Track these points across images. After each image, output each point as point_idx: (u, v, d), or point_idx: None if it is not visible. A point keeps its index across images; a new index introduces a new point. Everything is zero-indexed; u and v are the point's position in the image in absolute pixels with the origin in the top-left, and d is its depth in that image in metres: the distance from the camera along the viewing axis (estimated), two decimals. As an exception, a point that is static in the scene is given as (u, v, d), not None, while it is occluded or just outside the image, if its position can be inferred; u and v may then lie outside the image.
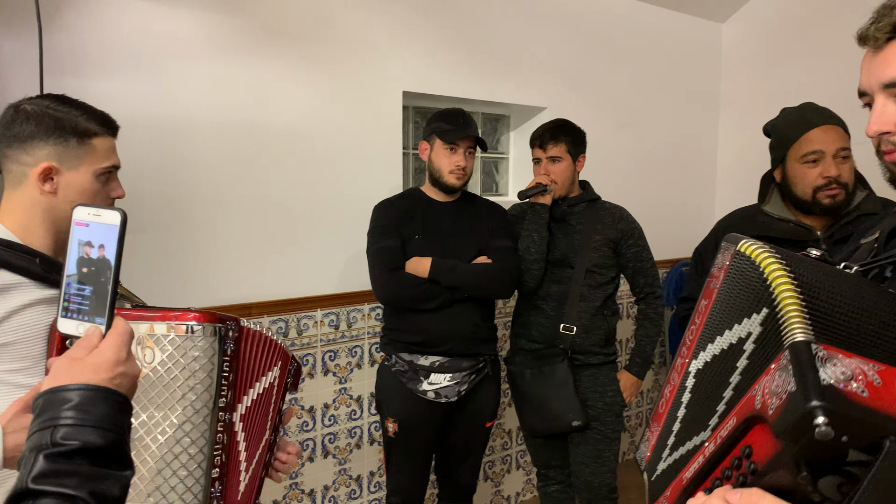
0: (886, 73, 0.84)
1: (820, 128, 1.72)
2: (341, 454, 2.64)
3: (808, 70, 3.46)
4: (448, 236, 2.17)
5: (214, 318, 1.14)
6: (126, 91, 2.06)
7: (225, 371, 1.17)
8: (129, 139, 2.07)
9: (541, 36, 3.08)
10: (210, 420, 1.14)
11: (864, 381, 0.57)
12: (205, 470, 1.13)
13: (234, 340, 1.19)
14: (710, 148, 3.99)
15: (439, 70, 2.76)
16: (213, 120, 2.23)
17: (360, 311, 2.62)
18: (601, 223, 2.33)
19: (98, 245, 0.80)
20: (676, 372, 0.91)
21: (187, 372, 1.11)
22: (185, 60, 2.16)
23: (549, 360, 2.31)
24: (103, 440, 0.69)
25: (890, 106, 0.85)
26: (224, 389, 1.17)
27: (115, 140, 1.30)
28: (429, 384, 2.13)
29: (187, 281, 2.22)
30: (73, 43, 1.97)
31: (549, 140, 2.32)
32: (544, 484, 2.55)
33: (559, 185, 2.31)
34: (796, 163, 1.75)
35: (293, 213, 2.42)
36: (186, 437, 1.11)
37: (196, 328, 1.11)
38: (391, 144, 2.65)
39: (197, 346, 1.11)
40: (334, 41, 2.46)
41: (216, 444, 1.15)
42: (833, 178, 1.70)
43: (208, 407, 1.13)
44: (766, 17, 3.73)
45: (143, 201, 2.11)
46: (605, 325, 2.34)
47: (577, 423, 2.26)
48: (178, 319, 1.11)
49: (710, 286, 0.87)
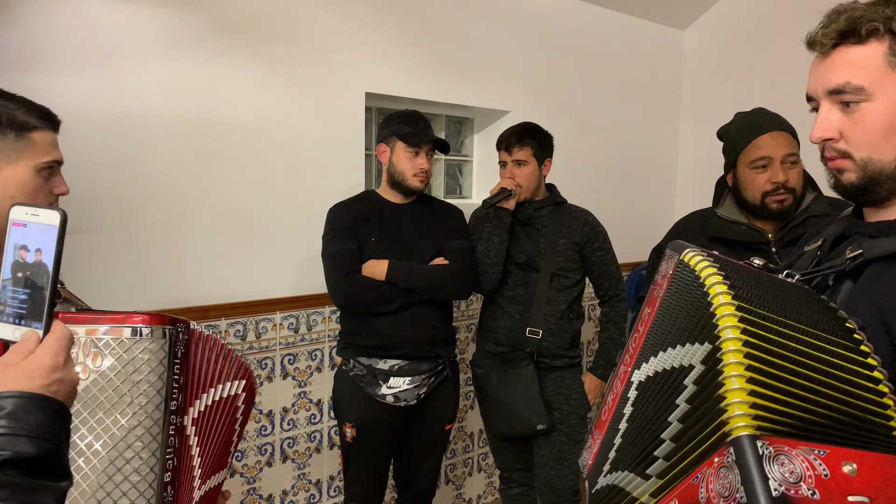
0: (831, 79, 0.85)
1: (769, 134, 1.76)
2: (300, 458, 2.60)
3: (767, 77, 3.53)
4: (405, 238, 2.16)
5: (164, 321, 1.13)
6: (78, 88, 2.01)
7: (176, 374, 1.15)
8: (82, 137, 2.03)
9: (504, 40, 3.09)
10: (162, 423, 1.11)
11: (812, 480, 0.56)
12: (157, 474, 1.11)
13: (184, 343, 1.18)
14: (670, 152, 4.05)
15: (403, 72, 2.74)
16: (169, 118, 2.18)
17: (320, 313, 2.59)
18: (566, 226, 2.34)
19: (36, 247, 0.77)
20: (619, 380, 0.90)
21: (138, 375, 1.09)
22: (140, 57, 2.11)
23: (514, 363, 2.31)
24: (37, 450, 0.66)
25: (834, 113, 0.86)
26: (175, 392, 1.15)
27: (56, 135, 1.25)
28: (388, 388, 2.11)
29: (141, 282, 2.17)
30: (24, 38, 1.91)
31: (515, 143, 2.33)
32: (507, 487, 2.54)
33: (524, 188, 2.32)
34: (746, 168, 1.79)
35: (252, 214, 2.39)
36: (138, 441, 1.09)
37: (145, 331, 1.10)
38: (353, 145, 2.63)
39: (147, 348, 1.10)
40: (296, 40, 2.43)
41: (168, 447, 1.13)
42: (780, 184, 1.73)
43: (160, 410, 1.11)
44: (727, 24, 3.80)
45: (94, 201, 2.06)
46: (570, 328, 2.35)
47: (541, 427, 2.27)
48: (126, 322, 1.09)
49: (654, 294, 0.87)
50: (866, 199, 0.89)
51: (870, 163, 0.85)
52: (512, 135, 2.35)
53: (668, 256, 0.87)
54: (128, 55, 2.09)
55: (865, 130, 0.84)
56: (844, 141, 0.86)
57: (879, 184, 0.86)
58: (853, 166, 0.87)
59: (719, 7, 3.83)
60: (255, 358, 2.43)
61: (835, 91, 0.85)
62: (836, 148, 0.87)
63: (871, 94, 0.83)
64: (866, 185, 0.87)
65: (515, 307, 2.34)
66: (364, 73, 2.62)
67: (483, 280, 2.30)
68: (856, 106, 0.84)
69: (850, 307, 0.81)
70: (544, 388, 2.31)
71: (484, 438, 3.25)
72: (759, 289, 0.71)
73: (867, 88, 0.83)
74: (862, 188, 0.87)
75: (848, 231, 0.92)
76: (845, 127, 0.86)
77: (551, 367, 2.33)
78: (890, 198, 0.87)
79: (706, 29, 3.91)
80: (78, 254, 2.04)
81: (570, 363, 2.36)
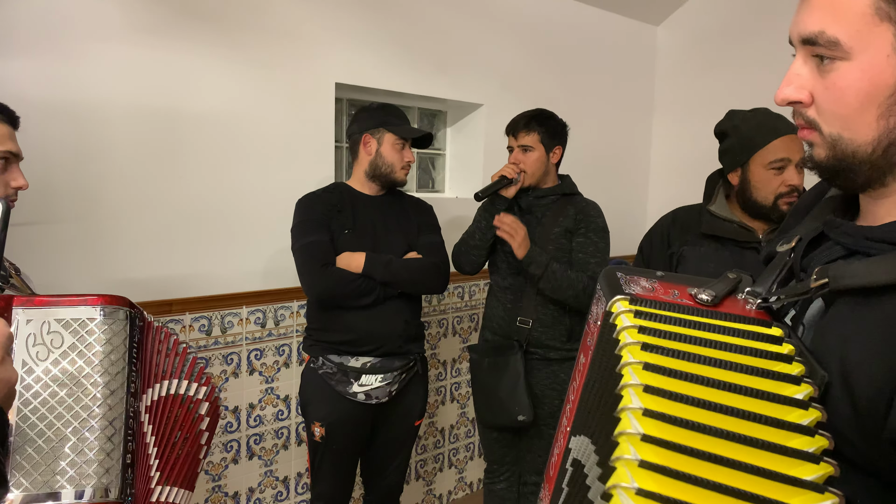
0: (807, 24, 0.67)
1: (787, 136, 1.75)
2: (267, 455, 2.56)
3: (740, 74, 3.55)
4: (378, 231, 2.12)
5: (125, 302, 1.15)
6: (36, 74, 1.93)
7: (134, 357, 1.16)
8: (39, 126, 1.95)
9: (477, 33, 3.06)
10: (124, 403, 1.13)
11: None
12: (121, 453, 1.11)
13: (140, 329, 1.20)
14: (643, 149, 4.05)
15: (375, 63, 2.70)
16: (130, 106, 2.11)
17: (288, 308, 2.54)
18: (564, 215, 2.28)
19: None
20: (563, 435, 0.82)
21: (99, 355, 1.10)
22: (102, 42, 2.04)
23: (504, 352, 2.27)
24: None
25: (807, 68, 0.69)
26: (133, 375, 1.16)
27: (11, 127, 1.24)
28: (359, 386, 2.07)
29: (101, 275, 2.11)
30: (-25, 19, 1.83)
31: (522, 128, 2.29)
32: (491, 481, 2.50)
33: (529, 174, 2.27)
34: (761, 168, 1.76)
35: (218, 206, 2.33)
36: (103, 419, 1.09)
37: (106, 311, 1.12)
38: (322, 137, 2.58)
39: (110, 328, 1.12)
40: (265, 28, 2.37)
41: (129, 430, 1.14)
42: (794, 187, 1.73)
43: (123, 389, 1.12)
44: (701, 21, 3.81)
45: (52, 191, 1.99)
46: (566, 319, 2.27)
47: (522, 419, 2.22)
48: (86, 303, 1.11)
49: (587, 342, 0.79)
50: (840, 183, 0.73)
51: (839, 141, 0.68)
52: (520, 119, 2.32)
53: (598, 299, 0.76)
54: (88, 40, 2.01)
55: (836, 98, 0.66)
56: (815, 108, 0.69)
57: (852, 170, 0.68)
58: (822, 141, 0.70)
59: (693, 4, 3.84)
60: (220, 353, 2.38)
61: (808, 40, 0.67)
62: (805, 115, 0.70)
63: (848, 50, 0.64)
64: (836, 167, 0.69)
65: (508, 296, 2.31)
66: (335, 63, 2.57)
67: (462, 260, 2.31)
68: (830, 64, 0.66)
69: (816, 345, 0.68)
70: (537, 380, 2.27)
71: (454, 434, 3.23)
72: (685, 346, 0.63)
73: (844, 43, 0.64)
74: (832, 170, 0.70)
75: (826, 231, 0.75)
76: (817, 89, 0.68)
77: (545, 358, 2.27)
78: (871, 185, 0.70)
79: (680, 25, 3.92)
80: (35, 245, 1.96)
81: (567, 356, 2.29)
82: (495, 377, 2.26)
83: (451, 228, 2.81)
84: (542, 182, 2.33)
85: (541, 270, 2.15)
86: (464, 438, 3.28)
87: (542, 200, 2.32)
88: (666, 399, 0.59)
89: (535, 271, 2.16)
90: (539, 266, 2.15)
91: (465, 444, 3.29)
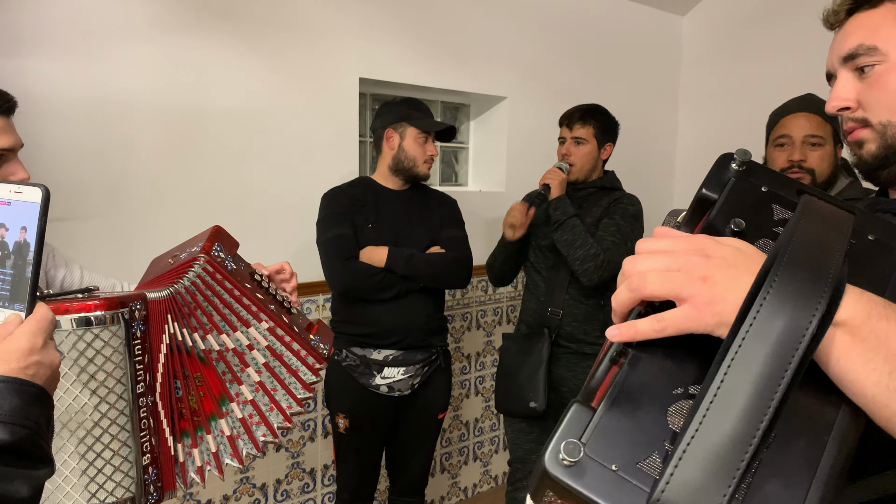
0: (844, 46, 0.81)
1: (794, 114, 1.78)
2: (294, 447, 2.59)
3: (766, 64, 3.49)
4: (401, 226, 2.14)
5: (113, 304, 1.06)
6: (65, 72, 1.97)
7: (138, 354, 1.09)
8: (68, 122, 1.99)
9: (500, 25, 3.05)
10: (131, 409, 1.09)
11: None
12: (133, 461, 1.09)
13: (142, 319, 1.11)
14: (669, 140, 4.01)
15: (398, 57, 2.70)
16: (157, 103, 2.14)
17: (314, 301, 2.56)
18: (598, 205, 2.27)
19: (21, 226, 0.74)
20: None
21: (100, 359, 1.04)
22: (128, 41, 2.07)
23: (533, 339, 2.28)
24: (11, 436, 0.63)
25: (850, 81, 0.81)
26: (140, 373, 1.10)
27: (8, 118, 1.17)
28: (382, 378, 2.09)
29: (127, 269, 2.14)
30: (7, 21, 1.87)
31: (577, 120, 2.28)
32: (514, 488, 2.42)
33: (577, 167, 2.27)
34: (771, 146, 1.84)
35: (244, 201, 2.35)
36: (113, 427, 1.06)
37: (101, 317, 1.04)
38: (346, 131, 2.59)
39: (108, 330, 1.05)
40: (288, 25, 2.39)
41: (143, 431, 1.11)
42: (795, 163, 1.75)
43: (128, 394, 1.08)
44: (726, 10, 3.75)
45: (80, 187, 2.03)
46: (600, 314, 2.26)
47: (533, 405, 2.21)
48: (82, 311, 1.03)
49: None
50: (891, 172, 0.80)
51: (889, 126, 0.78)
52: (576, 111, 2.31)
53: None
54: (115, 39, 2.05)
55: (881, 91, 0.78)
56: (862, 108, 0.81)
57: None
58: (872, 135, 0.80)
59: (719, -8, 3.79)
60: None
61: (848, 56, 0.80)
62: (854, 117, 0.81)
63: (885, 53, 0.77)
64: (888, 154, 0.79)
65: (541, 289, 2.32)
66: (358, 59, 2.58)
67: (496, 274, 2.39)
68: (870, 70, 0.78)
69: None
70: (572, 374, 2.26)
71: (479, 427, 3.24)
72: None
73: (881, 48, 0.77)
74: (883, 158, 0.79)
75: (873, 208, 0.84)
76: (862, 93, 0.80)
77: (579, 353, 2.26)
78: None
79: (705, 15, 3.87)
80: (63, 240, 2.00)
81: None
82: (519, 362, 2.27)
83: (474, 222, 2.81)
84: (589, 176, 2.32)
85: (564, 218, 2.15)
86: (489, 432, 3.29)
87: (581, 192, 2.31)
88: None
89: (559, 217, 2.16)
90: (564, 213, 2.16)
91: (489, 438, 3.29)
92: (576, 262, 2.14)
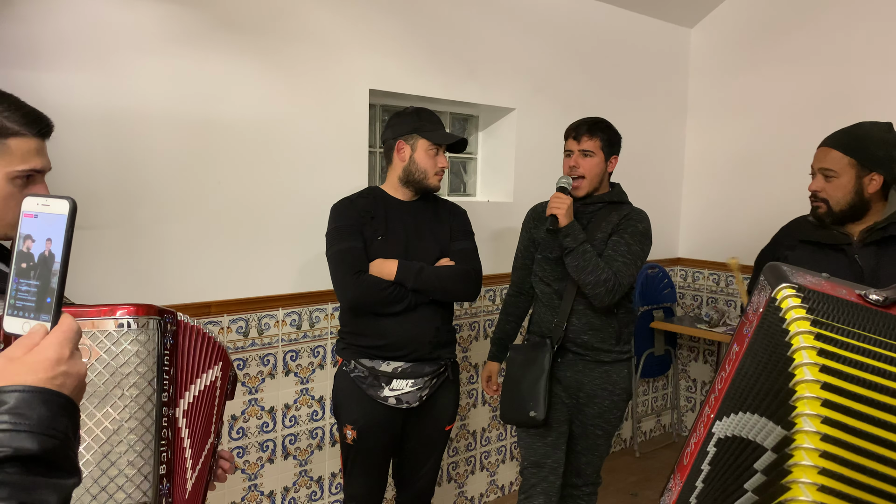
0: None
1: (820, 148, 1.89)
2: (302, 455, 2.60)
3: (774, 76, 3.50)
4: (410, 237, 2.13)
5: (153, 311, 1.10)
6: (80, 84, 2.01)
7: (166, 365, 1.13)
8: (83, 133, 2.03)
9: (510, 36, 3.07)
10: (155, 415, 1.10)
11: None
12: (152, 467, 1.10)
13: (172, 334, 1.16)
14: (677, 152, 4.02)
15: (407, 68, 2.73)
16: (170, 115, 2.18)
17: (322, 310, 2.58)
18: (608, 221, 2.27)
19: (46, 237, 0.76)
20: (703, 424, 0.85)
21: (127, 367, 1.07)
22: (142, 53, 2.11)
23: (537, 349, 2.29)
24: (39, 446, 0.64)
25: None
26: (166, 384, 1.13)
27: (42, 141, 1.17)
28: (390, 390, 2.09)
29: (142, 279, 2.17)
30: (26, 34, 1.91)
31: (585, 132, 2.27)
32: (526, 496, 2.37)
33: (587, 180, 2.27)
34: None
35: (255, 211, 2.38)
36: (132, 434, 1.07)
37: (132, 322, 1.08)
38: (356, 142, 2.62)
39: (136, 339, 1.08)
40: (298, 37, 2.42)
41: (162, 440, 1.12)
42: (812, 192, 1.87)
43: (152, 401, 1.10)
44: (734, 23, 3.77)
45: (95, 197, 2.06)
46: (614, 322, 2.27)
47: (533, 415, 2.22)
48: (112, 314, 1.07)
49: (743, 331, 0.81)
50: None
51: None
52: (583, 124, 2.31)
53: (761, 287, 0.79)
54: (129, 52, 2.08)
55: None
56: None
57: None
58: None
59: (727, 5, 3.80)
60: (257, 354, 2.43)
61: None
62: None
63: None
64: None
65: (550, 301, 2.33)
66: (368, 70, 2.61)
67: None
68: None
69: None
70: (591, 380, 2.28)
71: (486, 437, 3.25)
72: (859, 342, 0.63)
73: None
74: None
75: None
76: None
77: (596, 360, 2.28)
78: None
79: (714, 27, 3.89)
80: (78, 251, 2.03)
81: (618, 358, 2.29)
82: (522, 371, 2.29)
83: (483, 232, 2.83)
84: (597, 190, 2.32)
85: (575, 244, 2.16)
86: (495, 441, 3.29)
87: (590, 208, 2.31)
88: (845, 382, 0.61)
89: (570, 244, 2.16)
90: (575, 240, 2.16)
91: (496, 447, 3.30)
92: (587, 286, 2.17)
